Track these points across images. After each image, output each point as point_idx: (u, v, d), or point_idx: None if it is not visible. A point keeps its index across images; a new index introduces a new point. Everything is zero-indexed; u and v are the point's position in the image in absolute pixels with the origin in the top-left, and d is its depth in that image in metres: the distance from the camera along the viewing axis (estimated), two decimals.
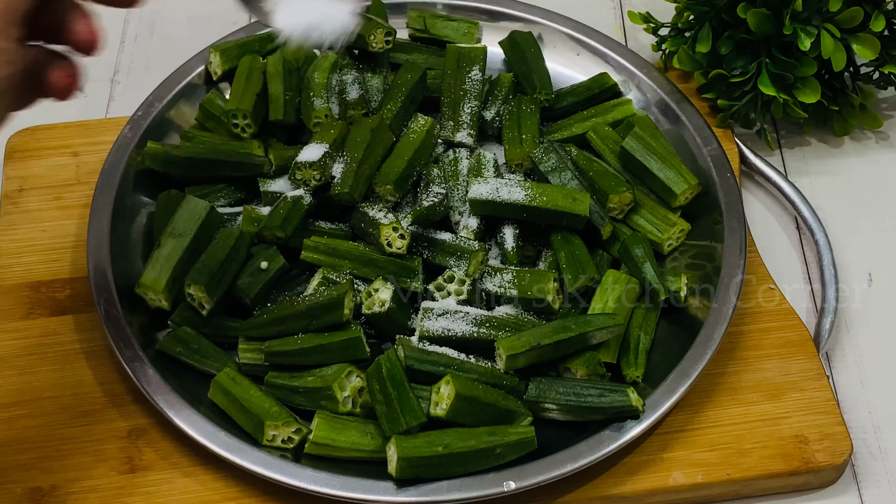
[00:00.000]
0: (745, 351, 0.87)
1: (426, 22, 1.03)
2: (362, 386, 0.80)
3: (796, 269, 0.96)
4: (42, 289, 0.91)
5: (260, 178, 0.91)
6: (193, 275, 0.83)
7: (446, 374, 0.79)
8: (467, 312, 0.83)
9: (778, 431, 0.83)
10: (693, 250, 0.91)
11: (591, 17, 1.07)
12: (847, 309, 0.92)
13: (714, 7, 0.98)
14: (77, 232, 0.94)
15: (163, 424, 0.82)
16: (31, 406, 0.84)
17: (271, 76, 0.97)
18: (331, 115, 0.94)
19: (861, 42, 0.95)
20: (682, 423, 0.83)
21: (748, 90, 0.97)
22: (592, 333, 0.81)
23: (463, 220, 0.89)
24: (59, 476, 0.81)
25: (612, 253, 0.90)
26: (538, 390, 0.80)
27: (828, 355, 0.90)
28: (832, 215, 0.97)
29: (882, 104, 1.07)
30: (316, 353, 0.81)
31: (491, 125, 0.97)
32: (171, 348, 0.84)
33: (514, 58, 1.02)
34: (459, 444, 0.77)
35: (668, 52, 1.04)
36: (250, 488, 0.80)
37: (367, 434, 0.79)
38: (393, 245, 0.85)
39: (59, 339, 0.88)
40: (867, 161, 1.03)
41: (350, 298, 0.81)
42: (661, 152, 0.92)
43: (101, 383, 0.85)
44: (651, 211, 0.91)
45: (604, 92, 1.00)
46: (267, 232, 0.87)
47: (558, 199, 0.87)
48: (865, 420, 0.86)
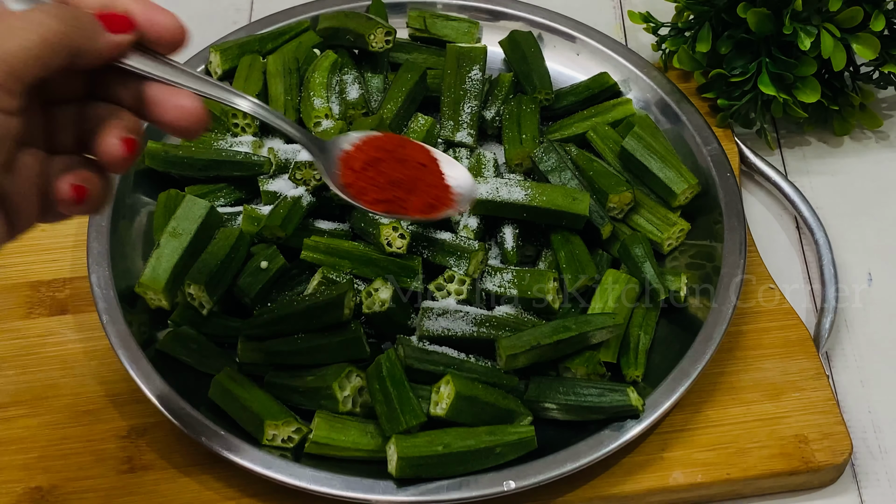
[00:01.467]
0: (744, 351, 0.87)
1: (426, 21, 1.03)
2: (362, 385, 0.80)
3: (796, 269, 0.96)
4: (42, 288, 0.91)
5: (260, 177, 0.92)
6: (193, 274, 0.83)
7: (446, 374, 0.79)
8: (467, 312, 0.83)
9: (778, 431, 0.83)
10: (693, 250, 0.91)
11: (591, 16, 1.07)
12: (847, 309, 0.92)
13: (714, 7, 0.98)
14: (77, 232, 0.94)
15: (163, 424, 0.82)
16: (31, 406, 0.84)
17: (271, 76, 0.97)
18: (331, 115, 0.94)
19: (861, 42, 0.95)
20: (681, 422, 0.83)
21: (748, 90, 0.97)
22: (592, 333, 0.81)
23: (463, 220, 0.89)
24: (59, 476, 0.81)
25: (611, 253, 0.90)
26: (538, 390, 0.80)
27: (828, 355, 0.90)
28: (832, 215, 0.97)
29: (882, 104, 1.07)
30: (316, 352, 0.81)
31: (491, 125, 0.97)
32: (171, 348, 0.84)
33: (514, 57, 1.02)
34: (459, 444, 0.77)
35: (668, 51, 1.04)
36: (250, 488, 0.80)
37: (367, 433, 0.79)
38: (393, 245, 0.85)
39: (59, 339, 0.88)
40: (867, 161, 1.03)
41: (350, 298, 0.81)
42: (661, 152, 0.92)
43: (101, 383, 0.85)
44: (651, 210, 0.91)
45: (604, 91, 1.00)
46: (267, 231, 0.87)
47: (558, 199, 0.87)
48: (865, 420, 0.86)
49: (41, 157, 0.58)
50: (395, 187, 0.71)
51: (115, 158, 0.58)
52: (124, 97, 0.60)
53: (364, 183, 0.71)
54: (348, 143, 0.72)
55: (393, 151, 0.72)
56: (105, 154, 0.58)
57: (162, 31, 0.59)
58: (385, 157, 0.71)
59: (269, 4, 1.12)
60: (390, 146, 0.72)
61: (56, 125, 0.59)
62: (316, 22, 1.03)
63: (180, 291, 0.84)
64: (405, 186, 0.71)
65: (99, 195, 0.59)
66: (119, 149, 0.57)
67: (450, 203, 0.73)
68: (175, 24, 0.59)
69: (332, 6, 1.03)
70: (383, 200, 0.71)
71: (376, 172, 0.71)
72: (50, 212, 0.59)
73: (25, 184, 0.57)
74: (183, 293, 0.84)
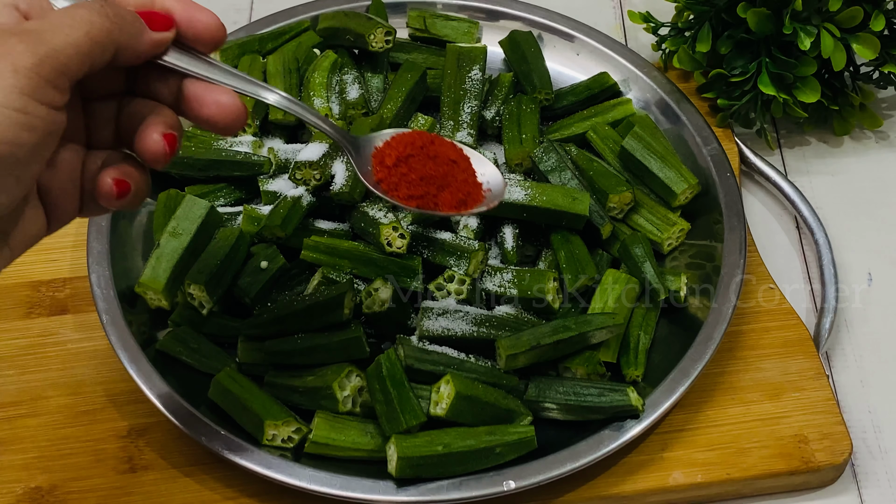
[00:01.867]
0: (744, 350, 0.87)
1: (426, 21, 1.03)
2: (362, 385, 0.80)
3: (796, 269, 0.96)
4: (42, 288, 0.91)
5: (260, 177, 0.92)
6: (193, 274, 0.83)
7: (446, 374, 0.79)
8: (467, 312, 0.83)
9: (778, 431, 0.83)
10: (693, 250, 0.91)
11: (591, 16, 1.07)
12: (847, 309, 0.92)
13: (714, 7, 0.98)
14: (77, 232, 0.94)
15: (163, 424, 0.82)
16: (31, 406, 0.84)
17: (271, 76, 0.97)
18: (331, 115, 0.94)
19: (861, 42, 0.95)
20: (681, 422, 0.83)
21: (748, 90, 0.97)
22: (592, 333, 0.81)
23: (463, 220, 0.89)
24: (59, 476, 0.81)
25: (611, 252, 0.90)
26: (538, 390, 0.80)
27: (828, 355, 0.90)
28: (832, 215, 0.98)
29: (882, 104, 1.07)
30: (316, 352, 0.81)
31: (491, 125, 0.97)
32: (171, 348, 0.84)
33: (514, 57, 1.02)
34: (459, 444, 0.77)
35: (667, 51, 1.04)
36: (250, 488, 0.80)
37: (367, 433, 0.79)
38: (393, 244, 0.85)
39: (59, 339, 0.88)
40: (867, 161, 1.03)
41: (350, 298, 0.81)
42: (661, 152, 0.92)
43: (101, 383, 0.85)
44: (651, 210, 0.91)
45: (604, 91, 1.00)
46: (267, 231, 0.87)
47: (558, 199, 0.87)
48: (865, 420, 0.86)
49: (81, 152, 0.59)
50: (427, 184, 0.71)
51: (157, 154, 0.58)
52: (163, 94, 0.60)
53: (396, 179, 0.71)
54: (380, 139, 0.73)
55: (424, 148, 0.72)
56: (147, 150, 0.58)
57: (202, 28, 0.60)
58: (417, 153, 0.72)
59: (269, 4, 1.12)
60: (421, 143, 0.73)
61: (95, 121, 0.60)
62: (316, 22, 1.03)
63: (180, 291, 0.84)
64: (437, 183, 0.72)
65: (139, 190, 0.60)
66: (160, 145, 0.58)
67: (481, 199, 0.73)
68: (215, 22, 0.60)
69: (332, 6, 1.03)
70: (416, 196, 0.71)
71: (408, 169, 0.71)
72: (88, 206, 0.60)
73: (66, 179, 0.58)
74: (183, 293, 0.84)
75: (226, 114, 0.60)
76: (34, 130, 0.52)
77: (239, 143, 0.93)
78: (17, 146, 0.52)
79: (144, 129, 0.58)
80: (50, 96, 0.53)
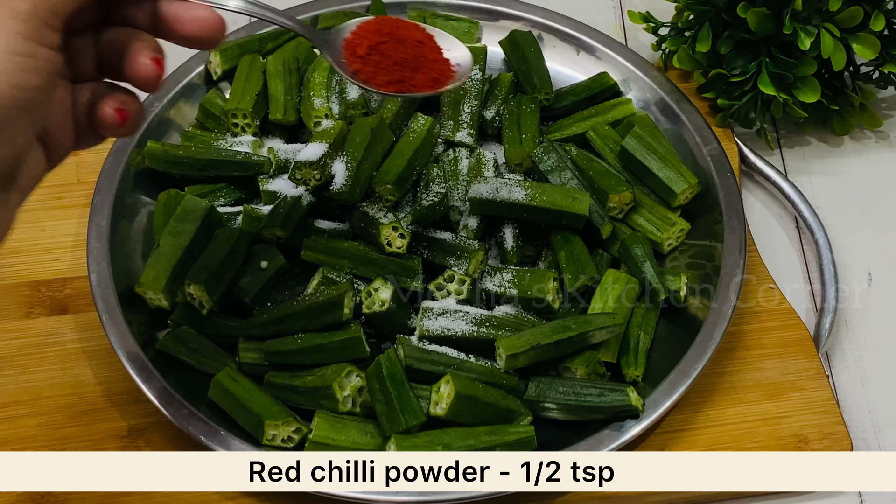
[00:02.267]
0: (744, 350, 0.87)
1: (426, 21, 1.03)
2: (362, 385, 0.80)
3: (796, 269, 0.96)
4: (42, 288, 0.91)
5: (260, 177, 0.91)
6: (193, 274, 0.83)
7: (446, 374, 0.79)
8: (467, 312, 0.83)
9: (778, 431, 0.83)
10: (693, 250, 0.91)
11: (591, 16, 1.06)
12: (847, 309, 0.92)
13: (714, 7, 0.98)
14: (77, 231, 0.94)
15: (163, 424, 0.82)
16: (31, 406, 0.84)
17: (271, 76, 0.97)
18: (331, 115, 0.94)
19: (861, 41, 0.95)
20: (681, 422, 0.83)
21: (748, 90, 0.97)
22: (592, 333, 0.81)
23: (463, 220, 0.89)
24: None
25: (611, 252, 0.90)
26: (538, 390, 0.80)
27: (828, 355, 0.90)
28: (832, 215, 0.97)
29: (882, 104, 1.07)
30: (316, 352, 0.81)
31: (491, 125, 0.97)
32: (171, 348, 0.84)
33: (514, 57, 1.02)
34: (459, 444, 0.77)
35: (667, 51, 1.04)
36: None
37: (367, 433, 0.79)
38: (393, 244, 0.85)
39: (59, 339, 0.88)
40: (867, 161, 1.03)
41: (350, 298, 0.81)
42: (661, 152, 0.92)
43: (101, 383, 0.85)
44: (651, 210, 0.91)
45: (603, 91, 1.00)
46: (267, 231, 0.87)
47: (558, 199, 0.87)
48: (865, 420, 0.86)
49: (69, 87, 0.60)
50: (402, 68, 0.73)
51: (150, 77, 0.60)
52: (139, 18, 0.61)
53: (371, 68, 0.73)
54: (347, 30, 0.74)
55: (391, 33, 0.74)
56: (138, 75, 0.60)
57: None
58: (386, 39, 0.73)
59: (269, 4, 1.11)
60: (388, 28, 0.74)
61: (77, 54, 0.61)
62: (316, 22, 1.03)
63: (180, 291, 0.84)
64: (410, 65, 0.73)
65: (137, 115, 0.61)
66: (151, 68, 0.60)
67: (452, 76, 0.75)
68: None
69: (332, 6, 1.03)
70: (393, 82, 0.73)
71: (381, 56, 0.73)
72: (84, 138, 0.62)
73: (60, 115, 0.59)
74: (183, 293, 0.84)
75: (207, 28, 0.61)
76: (40, 72, 0.55)
77: (239, 143, 0.93)
78: (29, 90, 0.54)
79: (132, 55, 0.60)
80: (49, 38, 0.55)
